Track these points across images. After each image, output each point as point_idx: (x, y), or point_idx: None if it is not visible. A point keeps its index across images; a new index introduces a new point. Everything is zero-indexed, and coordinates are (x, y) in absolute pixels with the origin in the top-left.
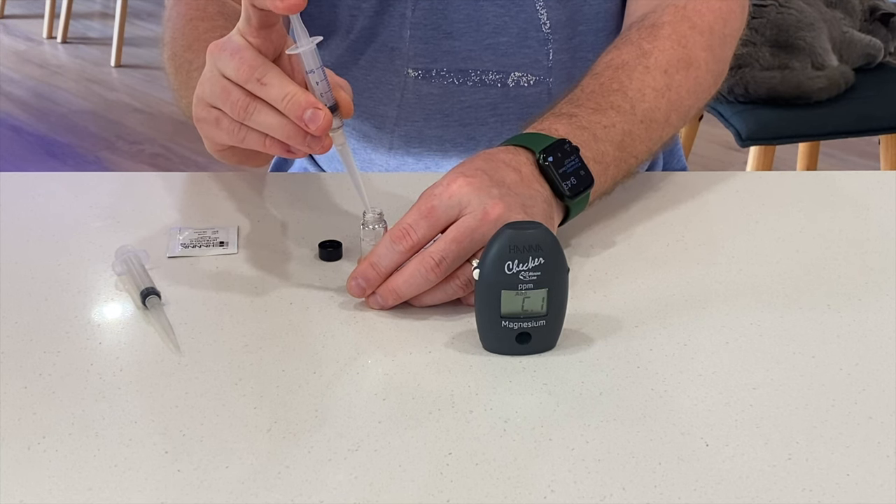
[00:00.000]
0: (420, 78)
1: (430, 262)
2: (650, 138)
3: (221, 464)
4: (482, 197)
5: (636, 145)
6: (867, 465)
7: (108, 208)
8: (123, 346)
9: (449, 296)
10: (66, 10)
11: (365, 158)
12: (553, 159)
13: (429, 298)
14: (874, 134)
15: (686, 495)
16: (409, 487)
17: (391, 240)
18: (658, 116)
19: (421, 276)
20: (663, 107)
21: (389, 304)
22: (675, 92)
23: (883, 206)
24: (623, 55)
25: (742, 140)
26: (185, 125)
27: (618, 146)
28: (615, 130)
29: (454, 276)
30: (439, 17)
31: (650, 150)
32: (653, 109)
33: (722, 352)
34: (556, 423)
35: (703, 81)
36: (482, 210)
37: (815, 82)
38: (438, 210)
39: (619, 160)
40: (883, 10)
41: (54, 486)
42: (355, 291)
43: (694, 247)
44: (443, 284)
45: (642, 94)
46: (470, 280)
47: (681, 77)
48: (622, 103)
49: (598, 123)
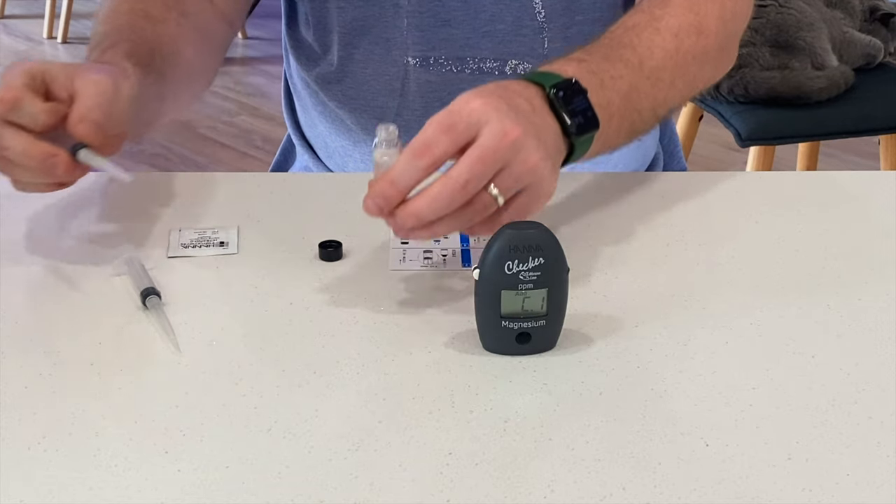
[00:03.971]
0: (419, 66)
1: (456, 182)
2: (655, 97)
3: (221, 464)
4: (501, 117)
5: (641, 100)
6: (867, 465)
7: (108, 208)
8: (123, 346)
9: (464, 224)
10: (66, 10)
11: (365, 151)
12: (563, 95)
13: (445, 226)
14: (874, 134)
15: (686, 495)
16: (409, 487)
17: (411, 155)
18: (664, 76)
19: (446, 197)
20: (670, 68)
21: (408, 227)
22: (682, 56)
23: (883, 206)
24: (635, 18)
25: (742, 140)
26: (185, 125)
27: (624, 97)
28: (622, 82)
29: (471, 202)
30: (436, 5)
31: (654, 110)
32: (660, 69)
33: (722, 352)
34: (556, 423)
35: (710, 52)
36: (501, 130)
37: (815, 82)
38: (459, 126)
39: (624, 112)
40: (883, 11)
41: (54, 486)
42: (372, 210)
43: (694, 247)
44: (460, 211)
45: (651, 52)
46: (487, 205)
47: (690, 42)
48: (631, 57)
49: (606, 72)
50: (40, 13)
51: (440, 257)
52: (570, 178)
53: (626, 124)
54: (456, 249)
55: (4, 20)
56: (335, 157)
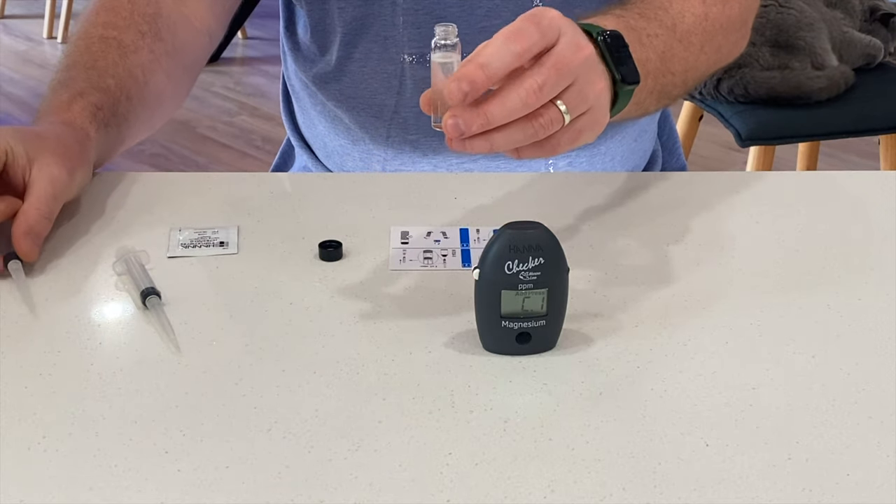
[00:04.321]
0: (416, 62)
1: (531, 85)
2: (686, 59)
3: (221, 464)
4: (576, 32)
5: (674, 62)
6: (867, 465)
7: (108, 208)
8: (123, 346)
9: (527, 137)
10: (66, 10)
11: (363, 149)
12: (610, 42)
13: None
14: (874, 134)
15: (686, 495)
16: (409, 487)
17: (504, 39)
18: (694, 41)
19: (519, 100)
20: (699, 33)
21: (473, 128)
22: (710, 22)
23: (883, 206)
24: None
25: (742, 140)
26: (185, 125)
27: (659, 56)
28: (658, 41)
29: (538, 113)
30: (431, 2)
31: (684, 73)
32: (690, 32)
33: (722, 352)
34: (556, 423)
35: (735, 21)
36: (577, 43)
37: (815, 82)
38: (543, 24)
39: (659, 72)
40: (883, 11)
41: (54, 486)
42: (455, 95)
43: (694, 247)
44: (526, 122)
45: (682, 16)
46: (553, 120)
47: (717, 10)
48: (665, 18)
49: (643, 30)
50: (40, 13)
51: (440, 257)
52: (570, 177)
53: (659, 86)
54: (456, 249)
55: (4, 20)
56: (334, 157)
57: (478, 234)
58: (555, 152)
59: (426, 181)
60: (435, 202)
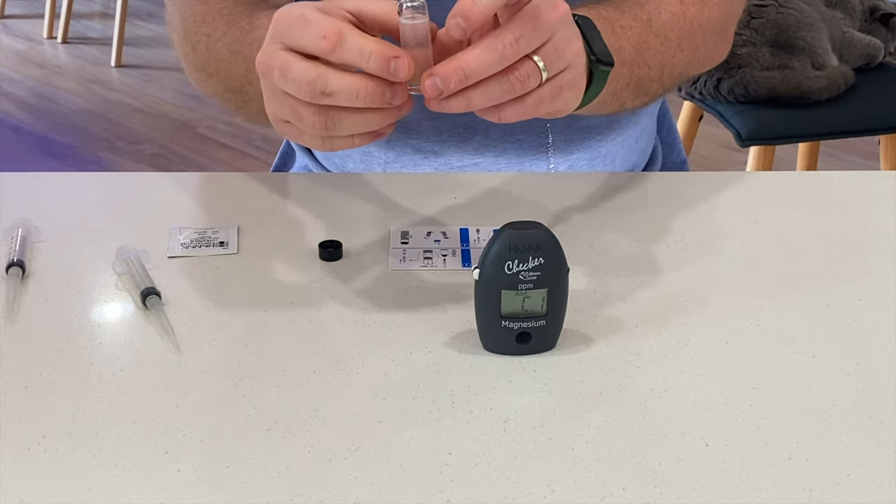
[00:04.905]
0: None
1: (506, 37)
2: (663, 54)
3: (221, 464)
4: None
5: (650, 55)
6: (867, 465)
7: (108, 208)
8: (123, 346)
9: (504, 93)
10: (66, 10)
11: (364, 151)
12: (582, 23)
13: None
14: (874, 134)
15: (686, 495)
16: (409, 487)
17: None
18: (671, 37)
19: (495, 52)
20: (676, 30)
21: (451, 86)
22: (688, 21)
23: (883, 206)
24: None
25: (742, 140)
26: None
27: (634, 47)
28: (632, 31)
29: (514, 67)
30: (432, 8)
31: (661, 68)
32: (667, 28)
33: (722, 352)
34: (556, 423)
35: (714, 23)
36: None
37: (815, 82)
38: None
39: (634, 63)
40: (883, 10)
41: (54, 486)
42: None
43: (694, 247)
44: (502, 76)
45: (658, 12)
46: (530, 74)
47: (695, 10)
48: (639, 13)
49: (617, 21)
50: (40, 13)
51: (440, 257)
52: (570, 178)
53: (636, 78)
54: (456, 249)
55: (4, 20)
56: (334, 158)
57: (478, 234)
58: (537, 111)
59: (426, 181)
60: (435, 202)
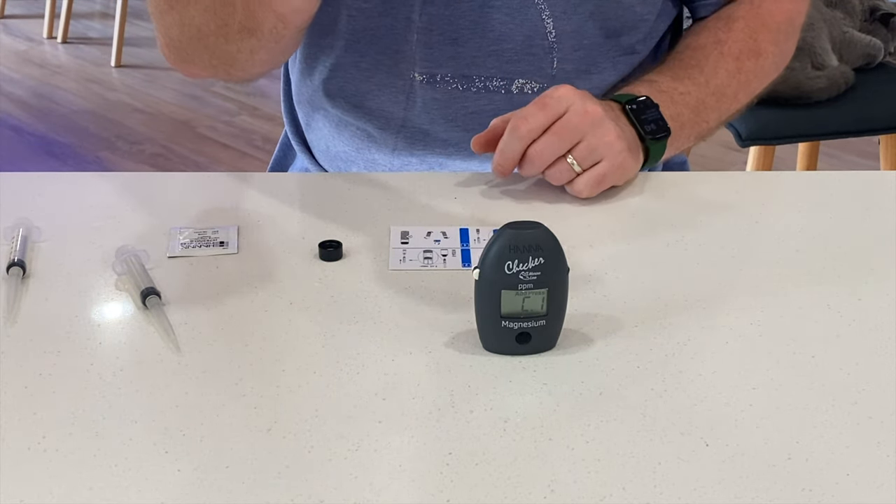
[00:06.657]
0: (425, 82)
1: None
2: (720, 108)
3: (221, 464)
4: (585, 100)
5: (708, 112)
6: (867, 465)
7: (108, 208)
8: (123, 346)
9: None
10: (67, 10)
11: (368, 158)
12: (636, 108)
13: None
14: (874, 134)
15: (686, 495)
16: (409, 487)
17: (511, 129)
18: (728, 92)
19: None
20: (733, 85)
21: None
22: (744, 75)
23: (883, 206)
24: (701, 40)
25: (742, 140)
26: (185, 125)
27: (692, 110)
28: (690, 97)
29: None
30: (445, 23)
31: (720, 119)
32: (724, 86)
33: (722, 352)
34: (556, 423)
35: (767, 69)
36: (584, 109)
37: (815, 82)
38: (550, 104)
39: (693, 122)
40: (883, 10)
41: (54, 486)
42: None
43: (694, 246)
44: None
45: (715, 72)
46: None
47: (750, 64)
48: (698, 77)
49: (675, 90)
50: (40, 13)
51: (440, 257)
52: None
53: (695, 132)
54: (456, 249)
55: (4, 20)
56: (337, 161)
57: (478, 234)
58: (581, 195)
59: (426, 181)
60: (435, 202)
